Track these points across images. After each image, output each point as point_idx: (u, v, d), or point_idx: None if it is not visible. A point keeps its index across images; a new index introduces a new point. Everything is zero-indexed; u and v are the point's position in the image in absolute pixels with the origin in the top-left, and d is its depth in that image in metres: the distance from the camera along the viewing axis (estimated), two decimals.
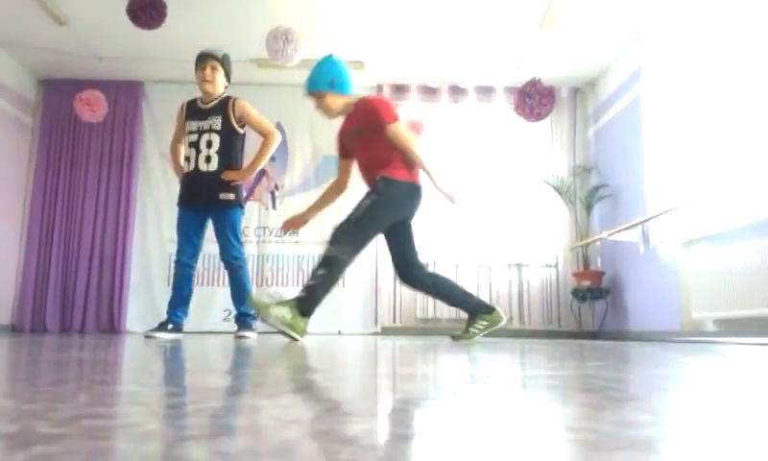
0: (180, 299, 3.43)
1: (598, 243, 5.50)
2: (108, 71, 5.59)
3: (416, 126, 5.63)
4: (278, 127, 5.61)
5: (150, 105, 5.90)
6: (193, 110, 3.55)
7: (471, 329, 3.17)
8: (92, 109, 5.17)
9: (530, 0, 4.47)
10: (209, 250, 4.20)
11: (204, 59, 3.51)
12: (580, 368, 1.26)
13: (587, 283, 5.29)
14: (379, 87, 5.95)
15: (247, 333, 3.42)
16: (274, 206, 5.87)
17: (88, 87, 5.31)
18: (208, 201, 3.41)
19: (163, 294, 5.50)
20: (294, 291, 5.53)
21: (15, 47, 5.25)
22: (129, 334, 4.88)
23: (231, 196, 3.46)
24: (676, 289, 4.31)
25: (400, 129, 3.02)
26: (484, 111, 5.99)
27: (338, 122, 5.82)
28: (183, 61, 5.46)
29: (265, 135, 3.54)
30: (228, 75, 3.58)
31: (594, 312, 5.46)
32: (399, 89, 5.97)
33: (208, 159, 3.41)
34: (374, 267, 5.65)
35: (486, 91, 5.96)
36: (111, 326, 5.44)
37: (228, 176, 3.41)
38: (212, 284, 5.52)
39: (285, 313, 2.74)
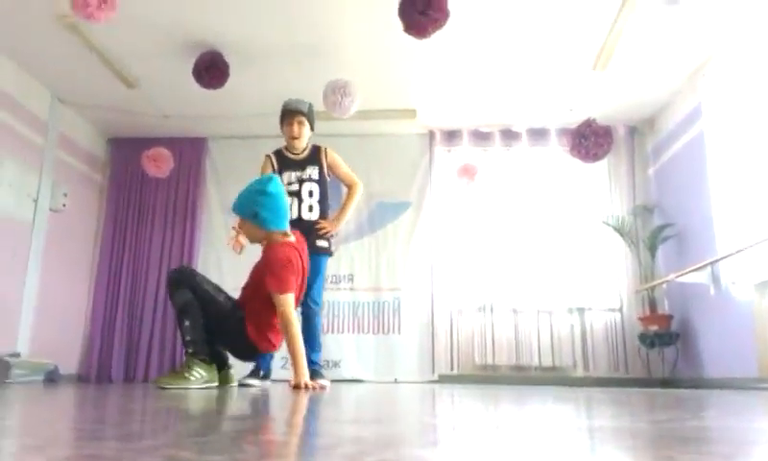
0: None
1: (664, 285, 5.29)
2: (173, 128, 5.87)
3: (469, 171, 5.63)
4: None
5: (213, 159, 6.14)
6: (287, 162, 3.64)
7: (187, 375, 2.76)
8: (158, 165, 5.41)
9: (582, 42, 4.47)
10: None
11: (291, 115, 3.62)
12: (661, 419, 1.19)
13: (654, 328, 5.06)
14: (431, 134, 6.01)
15: (322, 382, 3.43)
16: (330, 254, 5.92)
17: (155, 144, 5.56)
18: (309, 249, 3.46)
19: None
20: (349, 338, 5.63)
21: (87, 108, 5.58)
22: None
23: (326, 244, 3.60)
24: (752, 332, 4.08)
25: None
26: (538, 154, 5.94)
27: (391, 170, 5.92)
28: (245, 117, 5.71)
29: (350, 186, 3.73)
30: (312, 125, 3.70)
31: (664, 358, 5.21)
32: (451, 135, 6.01)
33: (311, 208, 3.54)
34: (430, 312, 5.60)
35: (539, 134, 5.92)
36: None
37: (322, 225, 3.53)
38: None
39: (200, 372, 2.78)
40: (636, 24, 4.19)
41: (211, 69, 4.42)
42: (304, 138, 3.66)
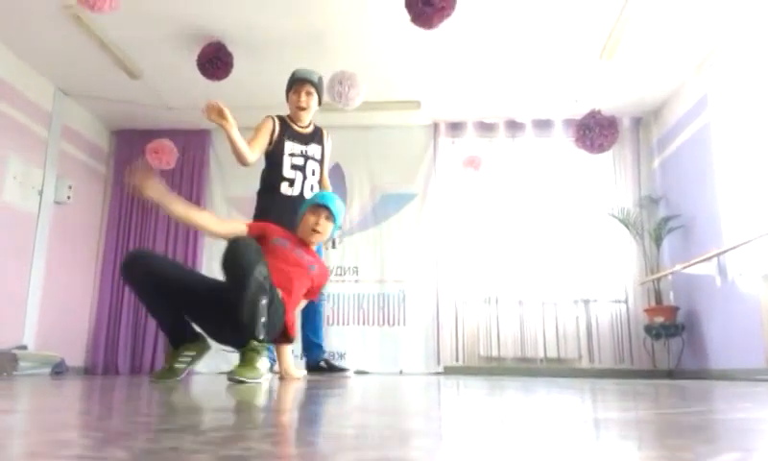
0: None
1: (670, 277, 5.27)
2: (177, 120, 5.85)
3: (474, 162, 5.61)
4: (337, 167, 5.74)
5: (216, 152, 6.13)
6: (292, 132, 3.34)
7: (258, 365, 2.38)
8: (161, 157, 5.40)
9: (589, 31, 4.44)
10: None
11: (300, 82, 3.34)
12: (673, 409, 1.18)
13: (660, 319, 5.05)
14: (435, 126, 5.99)
15: (347, 373, 3.46)
16: (334, 246, 5.90)
17: (158, 136, 5.56)
18: None
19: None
20: (354, 330, 5.64)
21: (91, 100, 5.58)
22: (197, 375, 4.96)
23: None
24: (759, 324, 4.07)
25: None
26: (542, 146, 5.92)
27: (395, 162, 5.90)
28: (248, 108, 5.67)
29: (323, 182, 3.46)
30: (320, 98, 3.44)
31: (670, 350, 5.20)
32: (455, 127, 5.98)
33: (312, 188, 3.31)
34: (435, 304, 5.60)
35: (544, 125, 5.90)
36: None
37: None
38: None
39: (265, 363, 2.45)
40: (643, 12, 4.16)
41: (215, 60, 4.40)
42: (311, 111, 3.39)
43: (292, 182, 3.27)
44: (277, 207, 3.19)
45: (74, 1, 3.48)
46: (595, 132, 5.38)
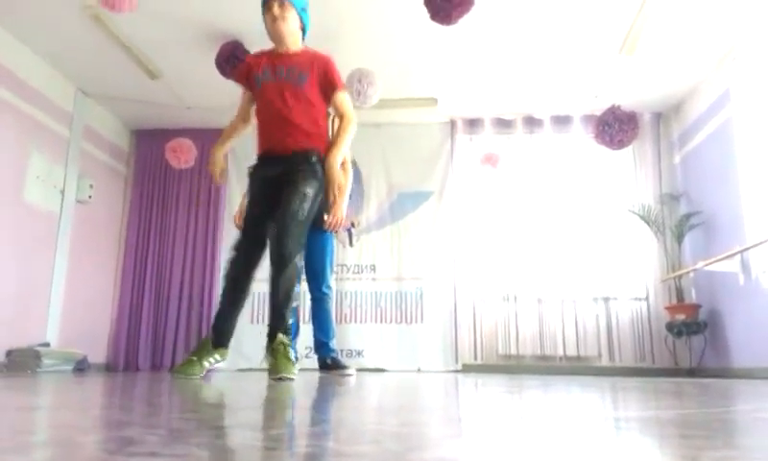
0: (293, 332, 3.20)
1: (692, 274, 5.20)
2: (195, 120, 5.90)
3: (491, 159, 5.58)
4: (353, 165, 5.73)
5: (234, 150, 6.15)
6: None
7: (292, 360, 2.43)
8: (179, 156, 5.45)
9: (609, 26, 4.38)
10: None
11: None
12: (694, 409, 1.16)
13: (681, 317, 4.98)
14: (452, 123, 5.97)
15: (348, 371, 3.42)
16: (351, 244, 5.92)
17: (178, 136, 5.61)
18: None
19: (248, 332, 5.65)
20: (371, 327, 5.63)
21: (111, 100, 5.64)
22: (218, 372, 5.00)
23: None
24: None
25: (347, 99, 2.65)
26: (561, 142, 5.87)
27: (412, 160, 5.88)
28: None
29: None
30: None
31: (691, 348, 5.13)
32: (473, 123, 5.95)
33: None
34: (453, 302, 5.58)
35: (563, 121, 5.84)
36: None
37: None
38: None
39: (294, 354, 2.57)
40: (664, 6, 4.10)
41: (232, 59, 4.43)
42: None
43: None
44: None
45: (94, 1, 3.52)
46: (615, 127, 5.34)
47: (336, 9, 4.22)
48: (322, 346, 3.50)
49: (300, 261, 2.45)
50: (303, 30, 2.76)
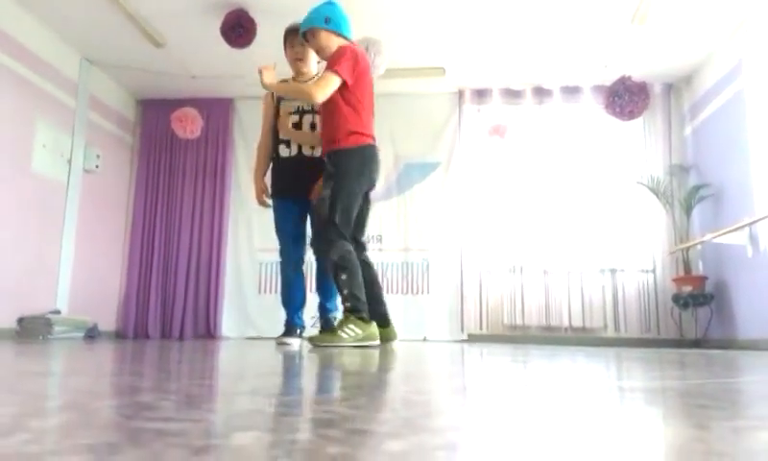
0: (301, 300, 3.37)
1: (699, 246, 5.18)
2: (201, 89, 5.86)
3: (499, 130, 5.54)
4: None
5: (240, 120, 6.14)
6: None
7: (341, 333, 2.74)
8: (185, 125, 5.43)
9: None
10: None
11: (289, 35, 3.24)
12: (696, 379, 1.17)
13: (688, 289, 4.98)
14: (460, 93, 5.91)
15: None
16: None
17: (183, 105, 5.58)
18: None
19: (255, 302, 5.71)
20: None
21: (116, 70, 5.61)
22: (226, 339, 5.07)
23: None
24: None
25: (325, 78, 2.79)
26: (571, 112, 5.80)
27: (419, 131, 5.84)
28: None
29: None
30: (318, 42, 3.06)
31: (697, 319, 5.14)
32: (481, 94, 5.89)
33: (312, 147, 3.23)
34: (459, 273, 5.60)
35: (572, 91, 5.77)
36: (208, 332, 5.68)
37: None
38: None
39: (355, 330, 2.73)
40: None
41: (237, 28, 4.38)
42: (309, 60, 3.23)
43: (288, 144, 3.27)
44: (277, 171, 3.32)
45: None
46: (625, 98, 5.27)
47: None
48: (324, 311, 3.42)
49: (336, 252, 2.79)
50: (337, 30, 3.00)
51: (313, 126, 3.25)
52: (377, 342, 2.81)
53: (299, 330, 3.36)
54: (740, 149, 4.62)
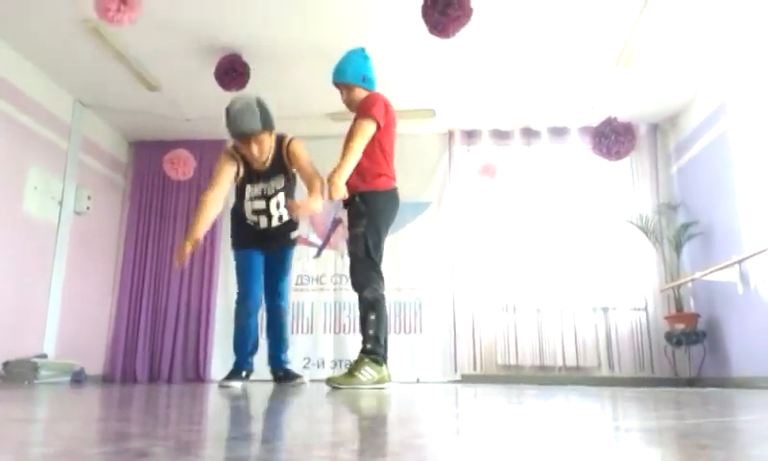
0: (253, 346, 3.42)
1: (690, 284, 5.21)
2: (194, 131, 5.90)
3: (489, 169, 5.60)
4: None
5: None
6: (251, 174, 3.19)
7: (359, 375, 2.81)
8: (177, 167, 5.45)
9: (605, 39, 4.42)
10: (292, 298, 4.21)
11: (243, 137, 3.06)
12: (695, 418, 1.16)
13: (681, 326, 4.98)
14: (450, 134, 5.99)
15: (300, 380, 3.46)
16: (318, 254, 5.91)
17: (176, 147, 5.61)
18: (280, 243, 3.39)
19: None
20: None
21: (109, 112, 5.65)
22: (216, 383, 4.97)
23: (295, 236, 3.48)
24: None
25: (363, 125, 2.95)
26: (558, 153, 5.89)
27: (410, 171, 5.89)
28: None
29: (309, 181, 3.06)
30: (270, 126, 3.07)
31: (691, 357, 5.13)
32: (471, 135, 5.98)
33: (281, 218, 3.28)
34: (452, 312, 5.57)
35: (560, 132, 5.87)
36: (197, 375, 5.58)
37: (295, 206, 3.02)
38: (296, 332, 5.58)
39: (371, 373, 2.81)
40: (660, 19, 4.13)
41: (231, 72, 4.44)
42: (267, 152, 3.11)
43: (256, 223, 3.30)
44: (243, 230, 3.38)
45: (93, 14, 3.53)
46: (611, 138, 5.36)
47: (335, 23, 4.24)
48: (275, 358, 3.47)
49: (371, 292, 2.91)
50: (367, 80, 3.28)
51: (278, 205, 3.24)
52: (390, 384, 2.91)
53: (244, 373, 3.37)
54: (727, 187, 4.69)
